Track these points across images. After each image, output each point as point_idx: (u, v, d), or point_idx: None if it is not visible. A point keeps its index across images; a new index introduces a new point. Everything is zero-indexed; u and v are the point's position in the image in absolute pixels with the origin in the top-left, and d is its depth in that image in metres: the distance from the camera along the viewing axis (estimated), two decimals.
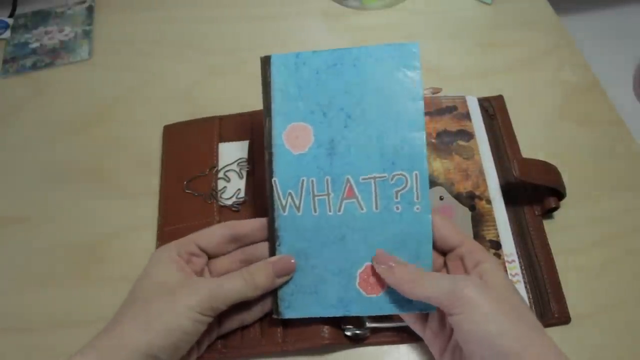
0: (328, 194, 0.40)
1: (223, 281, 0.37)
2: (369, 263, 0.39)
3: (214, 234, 0.41)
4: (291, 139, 0.40)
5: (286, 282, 0.40)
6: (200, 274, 0.40)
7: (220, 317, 0.39)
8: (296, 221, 0.40)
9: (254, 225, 0.41)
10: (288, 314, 0.40)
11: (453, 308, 0.33)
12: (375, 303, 0.39)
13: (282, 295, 0.40)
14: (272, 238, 0.40)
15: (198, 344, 0.38)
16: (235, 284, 0.37)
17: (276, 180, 0.40)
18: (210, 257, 0.41)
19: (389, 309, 0.39)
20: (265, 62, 0.41)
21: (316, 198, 0.40)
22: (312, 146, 0.40)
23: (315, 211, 0.40)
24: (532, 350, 0.31)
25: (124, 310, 0.36)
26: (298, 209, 0.40)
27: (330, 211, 0.40)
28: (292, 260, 0.39)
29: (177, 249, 0.39)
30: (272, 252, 0.40)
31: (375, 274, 0.39)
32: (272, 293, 0.40)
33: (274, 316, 0.40)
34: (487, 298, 0.33)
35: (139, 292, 0.37)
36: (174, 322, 0.34)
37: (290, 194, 0.40)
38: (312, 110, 0.40)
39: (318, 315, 0.39)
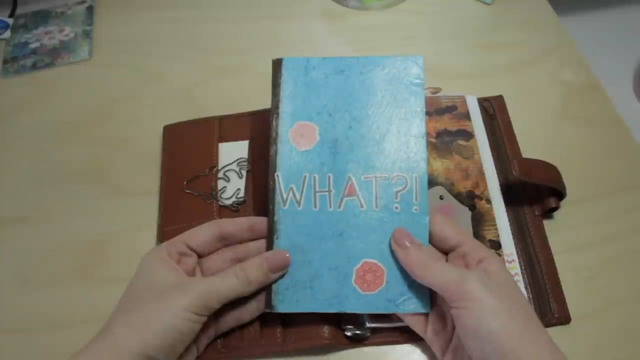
0: (329, 191, 0.40)
1: (215, 279, 0.37)
2: (365, 260, 0.39)
3: (202, 233, 0.41)
4: (297, 136, 0.42)
5: (281, 276, 0.39)
6: (191, 273, 0.40)
7: (217, 315, 0.39)
8: (296, 215, 0.40)
9: (242, 224, 0.41)
10: (281, 308, 0.39)
11: (456, 301, 0.34)
12: (370, 301, 0.39)
13: (277, 289, 0.39)
14: (270, 231, 0.40)
15: (197, 343, 0.38)
16: (228, 282, 0.37)
17: (279, 175, 0.41)
18: (200, 256, 0.41)
19: (384, 307, 0.39)
20: (277, 64, 0.43)
21: (317, 194, 0.40)
22: (316, 144, 0.41)
23: (315, 206, 0.40)
24: (530, 347, 0.32)
25: (117, 313, 0.36)
26: (299, 203, 0.40)
27: (330, 207, 0.40)
28: (287, 255, 0.39)
29: (167, 250, 0.39)
30: (270, 245, 0.40)
31: (371, 271, 0.39)
32: (266, 287, 0.39)
33: (266, 310, 0.39)
34: (490, 294, 0.33)
35: (132, 295, 0.37)
36: (167, 322, 0.34)
37: (291, 188, 0.41)
38: (318, 111, 0.42)
39: (312, 311, 0.39)
